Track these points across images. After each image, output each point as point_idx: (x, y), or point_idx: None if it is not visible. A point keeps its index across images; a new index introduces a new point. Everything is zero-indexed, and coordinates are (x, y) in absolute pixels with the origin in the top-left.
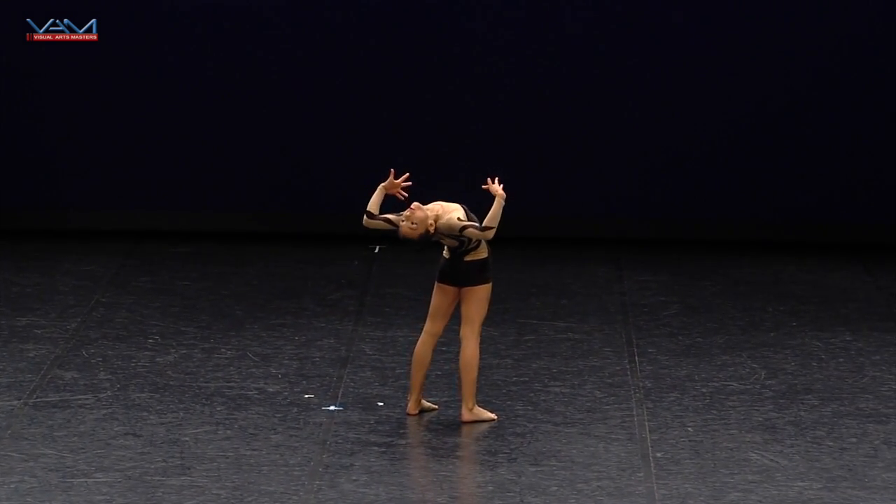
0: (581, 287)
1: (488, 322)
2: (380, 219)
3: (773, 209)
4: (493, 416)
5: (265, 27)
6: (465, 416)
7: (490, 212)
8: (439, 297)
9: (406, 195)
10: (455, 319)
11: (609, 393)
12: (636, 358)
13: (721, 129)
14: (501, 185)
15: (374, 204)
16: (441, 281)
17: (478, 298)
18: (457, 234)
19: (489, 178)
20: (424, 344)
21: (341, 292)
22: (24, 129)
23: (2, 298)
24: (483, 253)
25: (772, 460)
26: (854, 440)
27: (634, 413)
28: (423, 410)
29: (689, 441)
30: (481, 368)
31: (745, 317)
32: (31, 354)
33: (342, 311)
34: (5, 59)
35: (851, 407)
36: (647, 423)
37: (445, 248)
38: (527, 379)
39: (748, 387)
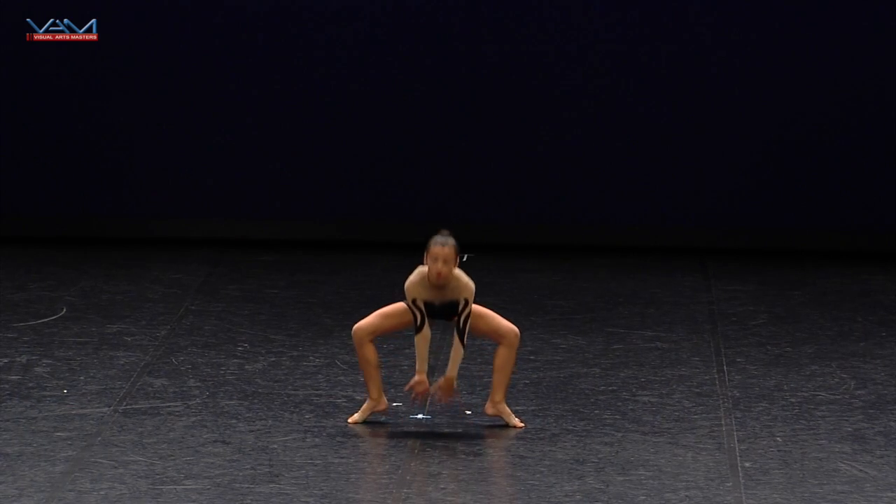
0: (669, 296)
1: (576, 331)
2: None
3: (860, 218)
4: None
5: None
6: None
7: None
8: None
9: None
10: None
11: (697, 402)
12: (724, 367)
13: (808, 137)
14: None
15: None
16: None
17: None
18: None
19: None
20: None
21: None
22: (100, 137)
23: (92, 306)
24: None
25: (861, 471)
26: None
27: (723, 423)
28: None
29: (778, 451)
30: (569, 377)
31: (834, 326)
32: (121, 362)
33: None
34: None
35: None
36: (735, 433)
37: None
38: (615, 388)
39: (837, 397)
